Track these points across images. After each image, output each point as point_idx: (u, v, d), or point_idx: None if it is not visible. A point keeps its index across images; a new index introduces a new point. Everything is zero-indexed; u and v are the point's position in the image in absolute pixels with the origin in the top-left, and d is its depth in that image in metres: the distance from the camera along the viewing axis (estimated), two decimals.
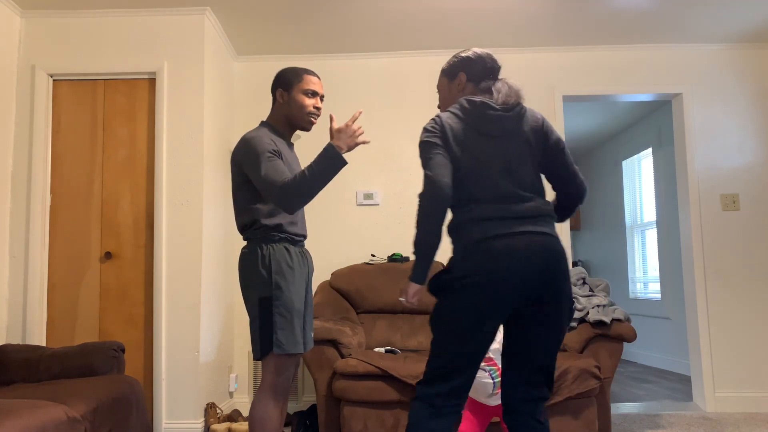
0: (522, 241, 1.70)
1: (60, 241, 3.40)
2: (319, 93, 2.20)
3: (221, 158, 3.80)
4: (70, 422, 1.99)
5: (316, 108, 2.20)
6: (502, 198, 1.76)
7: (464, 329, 1.71)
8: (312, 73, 2.21)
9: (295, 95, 2.17)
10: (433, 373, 1.76)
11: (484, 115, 1.81)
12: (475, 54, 1.93)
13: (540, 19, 3.69)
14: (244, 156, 2.05)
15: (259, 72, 4.17)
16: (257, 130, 2.13)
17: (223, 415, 3.45)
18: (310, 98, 2.18)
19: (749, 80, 4.08)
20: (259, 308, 2.03)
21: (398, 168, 4.09)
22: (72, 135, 3.47)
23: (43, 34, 3.50)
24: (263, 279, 2.03)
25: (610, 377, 2.92)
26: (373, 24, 3.71)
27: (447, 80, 1.97)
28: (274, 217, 2.09)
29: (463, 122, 1.81)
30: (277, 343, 2.00)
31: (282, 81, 2.19)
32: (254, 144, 2.05)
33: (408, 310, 3.57)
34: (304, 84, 2.17)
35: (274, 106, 2.23)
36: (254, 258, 2.06)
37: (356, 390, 2.80)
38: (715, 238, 3.96)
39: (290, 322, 2.02)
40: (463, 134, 1.79)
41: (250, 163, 2.03)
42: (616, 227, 6.62)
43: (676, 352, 5.51)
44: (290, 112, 2.18)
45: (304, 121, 2.19)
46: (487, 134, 1.80)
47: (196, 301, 3.34)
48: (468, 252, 1.72)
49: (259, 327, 2.02)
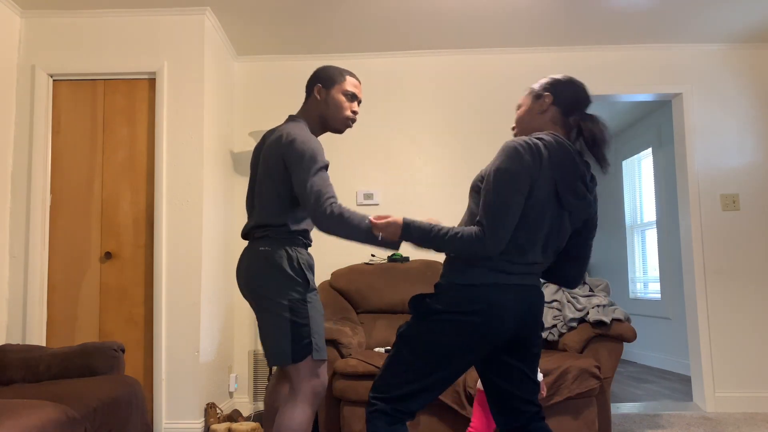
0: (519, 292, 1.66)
1: (60, 241, 3.40)
2: (358, 97, 2.11)
3: (221, 158, 3.80)
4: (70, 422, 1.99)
5: (354, 112, 2.10)
6: (534, 264, 1.67)
7: (451, 356, 1.63)
8: (355, 76, 2.11)
9: (335, 94, 2.06)
10: (400, 392, 1.65)
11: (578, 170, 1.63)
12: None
13: (540, 20, 3.69)
14: (294, 156, 1.91)
15: (259, 72, 4.17)
16: (300, 128, 2.00)
17: (223, 415, 3.45)
18: (349, 101, 2.08)
19: (749, 80, 4.08)
20: (290, 311, 1.92)
21: (398, 168, 4.08)
22: (72, 135, 3.47)
23: (43, 34, 3.50)
24: (293, 281, 1.93)
25: (610, 377, 2.92)
26: (373, 24, 3.71)
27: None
28: (301, 223, 2.01)
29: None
30: (317, 348, 1.92)
31: (322, 77, 2.08)
32: (308, 148, 1.91)
33: (408, 310, 3.56)
34: (346, 84, 2.07)
35: (309, 101, 2.10)
36: (279, 259, 1.95)
37: (356, 390, 2.80)
38: (715, 238, 3.96)
39: (323, 326, 1.98)
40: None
41: (300, 167, 1.89)
42: (616, 227, 6.62)
43: (676, 352, 5.50)
44: (327, 111, 2.07)
45: (339, 123, 2.09)
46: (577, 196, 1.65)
47: (196, 301, 3.34)
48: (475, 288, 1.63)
49: (291, 330, 1.91)
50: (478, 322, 1.61)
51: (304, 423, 1.90)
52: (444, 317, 1.63)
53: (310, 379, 1.93)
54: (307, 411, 1.92)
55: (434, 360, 1.64)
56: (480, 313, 1.61)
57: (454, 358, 1.64)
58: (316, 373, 1.94)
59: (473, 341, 1.62)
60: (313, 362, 1.94)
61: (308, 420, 1.91)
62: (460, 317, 1.62)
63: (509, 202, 1.56)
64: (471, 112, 4.11)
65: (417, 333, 1.68)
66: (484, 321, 1.61)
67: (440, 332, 1.64)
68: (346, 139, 4.12)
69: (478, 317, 1.61)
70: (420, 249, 1.62)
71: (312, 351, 1.92)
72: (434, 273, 3.62)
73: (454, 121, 4.09)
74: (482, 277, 1.63)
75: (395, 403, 1.66)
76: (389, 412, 1.66)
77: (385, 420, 1.65)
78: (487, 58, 4.15)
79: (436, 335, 1.64)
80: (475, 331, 1.62)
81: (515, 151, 1.58)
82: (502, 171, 1.57)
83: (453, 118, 4.10)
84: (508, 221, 1.57)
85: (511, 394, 1.73)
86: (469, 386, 2.72)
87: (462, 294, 1.63)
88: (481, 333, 1.62)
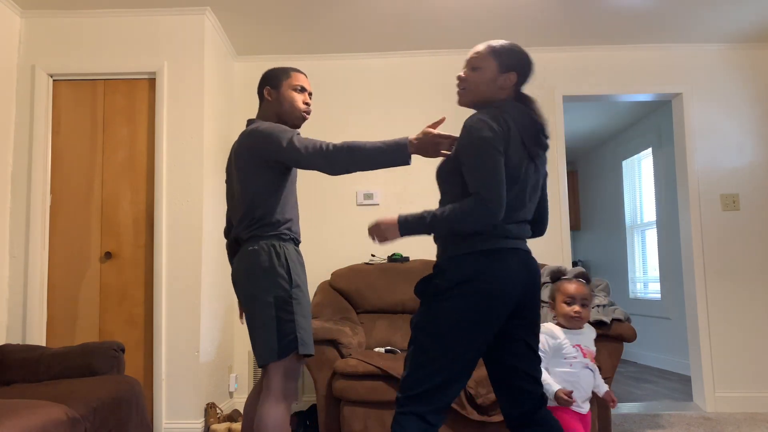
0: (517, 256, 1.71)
1: (60, 241, 3.40)
2: (307, 89, 2.18)
3: (221, 158, 3.80)
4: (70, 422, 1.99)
5: (306, 104, 2.17)
6: (524, 222, 1.75)
7: (469, 332, 1.64)
8: (298, 70, 2.20)
9: (285, 91, 2.15)
10: (429, 386, 1.63)
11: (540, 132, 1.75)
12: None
13: (540, 19, 3.69)
14: (262, 138, 1.99)
15: (259, 72, 4.17)
16: (258, 123, 2.08)
17: (223, 415, 3.45)
18: (299, 93, 2.16)
19: (749, 80, 4.08)
20: (276, 308, 1.93)
21: (398, 168, 4.08)
22: (72, 135, 3.47)
23: (43, 34, 3.50)
24: (281, 277, 1.95)
25: (610, 377, 2.91)
26: (373, 24, 3.71)
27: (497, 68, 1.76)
28: (285, 214, 2.04)
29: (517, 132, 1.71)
30: (302, 342, 1.94)
31: (269, 79, 2.17)
32: (271, 126, 2.00)
33: (408, 310, 3.57)
34: (292, 80, 2.16)
35: (263, 105, 2.19)
36: (267, 256, 1.97)
37: (356, 390, 2.80)
38: (715, 238, 3.97)
39: (309, 322, 1.99)
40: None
41: (273, 141, 1.97)
42: (616, 227, 6.62)
43: (676, 352, 5.50)
44: (281, 108, 2.15)
45: (295, 117, 2.16)
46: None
47: (196, 301, 3.34)
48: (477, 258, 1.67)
49: (276, 327, 1.93)
50: (487, 288, 1.62)
51: (279, 422, 1.91)
52: (454, 292, 1.64)
53: (288, 378, 1.95)
54: (281, 409, 1.93)
55: (454, 341, 1.63)
56: (487, 279, 1.63)
57: (473, 334, 1.63)
58: (295, 373, 1.97)
59: (487, 310, 1.63)
60: (297, 361, 1.96)
61: (284, 420, 1.93)
62: (468, 288, 1.63)
63: (493, 163, 1.62)
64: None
65: (431, 317, 1.67)
66: (492, 285, 1.63)
67: (453, 309, 1.63)
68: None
69: (487, 283, 1.63)
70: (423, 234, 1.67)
71: (297, 346, 1.93)
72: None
73: (454, 121, 4.09)
74: (480, 244, 1.66)
75: (425, 402, 1.63)
76: (423, 416, 1.63)
77: (417, 425, 1.62)
78: None
79: (450, 313, 1.64)
80: (487, 298, 1.62)
81: (483, 123, 1.65)
82: (477, 139, 1.63)
83: (453, 118, 4.10)
84: (501, 179, 1.62)
85: (517, 370, 1.74)
86: (469, 386, 2.72)
87: (464, 264, 1.65)
88: (492, 299, 1.63)
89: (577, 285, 2.23)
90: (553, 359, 2.20)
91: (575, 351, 2.22)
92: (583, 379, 2.22)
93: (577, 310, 2.20)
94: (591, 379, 2.26)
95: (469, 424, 2.74)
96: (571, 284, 2.24)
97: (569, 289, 2.23)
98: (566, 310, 2.22)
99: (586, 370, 2.23)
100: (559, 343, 2.21)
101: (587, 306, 2.24)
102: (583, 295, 2.23)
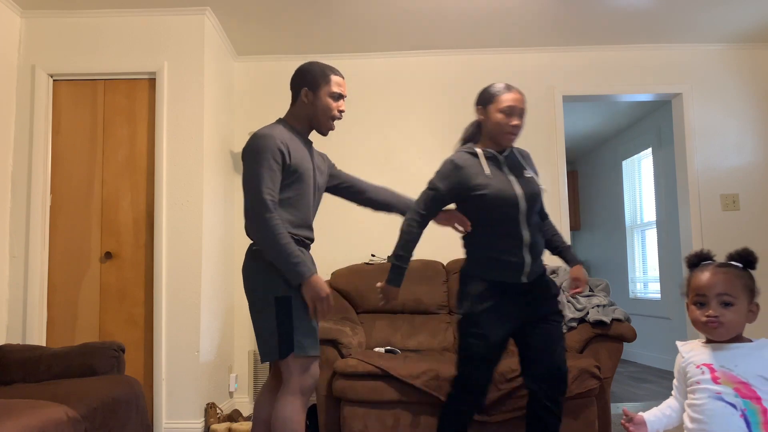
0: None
1: (60, 241, 3.40)
2: (344, 95, 2.11)
3: (221, 158, 3.80)
4: (70, 422, 1.99)
5: (341, 112, 2.11)
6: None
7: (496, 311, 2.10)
8: (338, 73, 2.10)
9: (322, 97, 2.07)
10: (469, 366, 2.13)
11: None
12: None
13: (540, 19, 3.69)
14: (247, 152, 2.00)
15: (259, 72, 4.17)
16: (271, 127, 2.04)
17: (223, 415, 3.45)
18: (336, 101, 2.09)
19: (749, 80, 4.08)
20: (276, 307, 1.94)
21: (398, 168, 4.08)
22: (72, 135, 3.47)
23: (43, 34, 3.50)
24: (281, 278, 1.94)
25: (610, 377, 2.91)
26: (373, 24, 3.71)
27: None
28: (291, 216, 2.02)
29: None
30: (298, 345, 1.93)
31: (308, 80, 2.08)
32: (259, 144, 1.99)
33: (408, 310, 3.57)
34: (331, 87, 2.07)
35: (296, 104, 2.12)
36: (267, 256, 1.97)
37: (356, 390, 2.80)
38: (715, 238, 3.96)
39: (310, 323, 1.97)
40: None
41: (247, 160, 1.98)
42: (616, 227, 6.62)
43: (676, 352, 5.49)
44: (315, 113, 2.09)
45: (326, 125, 2.10)
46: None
47: (196, 301, 3.34)
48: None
49: (277, 326, 1.94)
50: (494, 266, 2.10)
51: (292, 414, 1.92)
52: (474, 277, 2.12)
53: (299, 374, 1.95)
54: (296, 404, 1.94)
55: (487, 323, 2.06)
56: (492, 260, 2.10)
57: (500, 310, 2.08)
58: (305, 369, 1.96)
59: (501, 279, 2.09)
60: (303, 358, 1.96)
61: (297, 412, 1.93)
62: (479, 271, 2.12)
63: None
64: (471, 112, 4.11)
65: (465, 313, 2.11)
66: (500, 263, 2.09)
67: (475, 293, 2.09)
68: (346, 139, 4.12)
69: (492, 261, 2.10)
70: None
71: (294, 348, 1.93)
72: (434, 272, 3.62)
73: (454, 121, 4.09)
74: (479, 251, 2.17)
75: (469, 387, 2.12)
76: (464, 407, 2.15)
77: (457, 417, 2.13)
78: (487, 58, 4.15)
79: (475, 298, 2.08)
80: (497, 267, 2.09)
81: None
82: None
83: (453, 118, 4.10)
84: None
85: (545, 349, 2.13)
86: None
87: (470, 259, 2.18)
88: (501, 270, 2.09)
89: (712, 273, 1.44)
90: (680, 385, 1.56)
91: (699, 372, 1.46)
92: (715, 420, 1.36)
93: (709, 314, 1.44)
94: (737, 427, 1.33)
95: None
96: (705, 273, 1.45)
97: (700, 280, 1.45)
98: (696, 314, 1.48)
99: (719, 404, 1.37)
100: (685, 363, 1.53)
101: (735, 305, 1.45)
102: (725, 286, 1.43)
